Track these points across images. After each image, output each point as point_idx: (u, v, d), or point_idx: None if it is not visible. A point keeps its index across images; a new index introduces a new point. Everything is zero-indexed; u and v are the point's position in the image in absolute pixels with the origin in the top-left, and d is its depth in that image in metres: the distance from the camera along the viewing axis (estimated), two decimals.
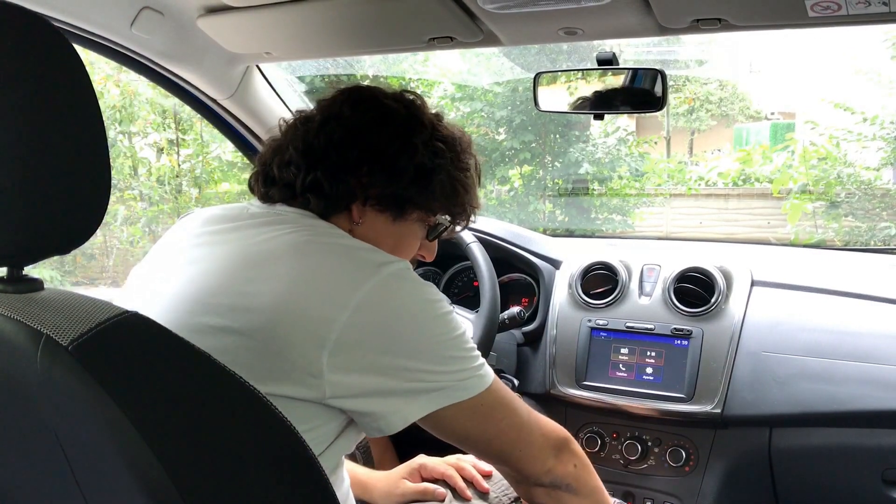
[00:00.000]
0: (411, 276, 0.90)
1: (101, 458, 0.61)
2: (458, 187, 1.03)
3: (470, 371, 0.91)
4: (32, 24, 0.64)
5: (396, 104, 1.01)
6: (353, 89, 1.04)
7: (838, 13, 1.09)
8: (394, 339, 0.85)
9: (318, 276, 0.86)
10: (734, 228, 6.21)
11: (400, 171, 0.97)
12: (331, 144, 0.97)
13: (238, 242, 0.92)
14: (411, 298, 0.88)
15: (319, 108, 1.03)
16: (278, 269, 0.86)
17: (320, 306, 0.83)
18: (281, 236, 0.91)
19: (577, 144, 6.62)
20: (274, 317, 0.83)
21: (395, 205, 0.99)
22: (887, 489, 1.43)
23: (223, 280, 0.88)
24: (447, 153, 1.01)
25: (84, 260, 5.10)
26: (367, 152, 0.97)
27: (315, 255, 0.89)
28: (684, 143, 10.05)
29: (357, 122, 0.98)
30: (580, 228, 6.45)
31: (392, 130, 0.98)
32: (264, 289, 0.85)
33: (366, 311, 0.84)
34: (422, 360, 0.87)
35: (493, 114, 6.54)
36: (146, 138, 5.52)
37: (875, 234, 5.03)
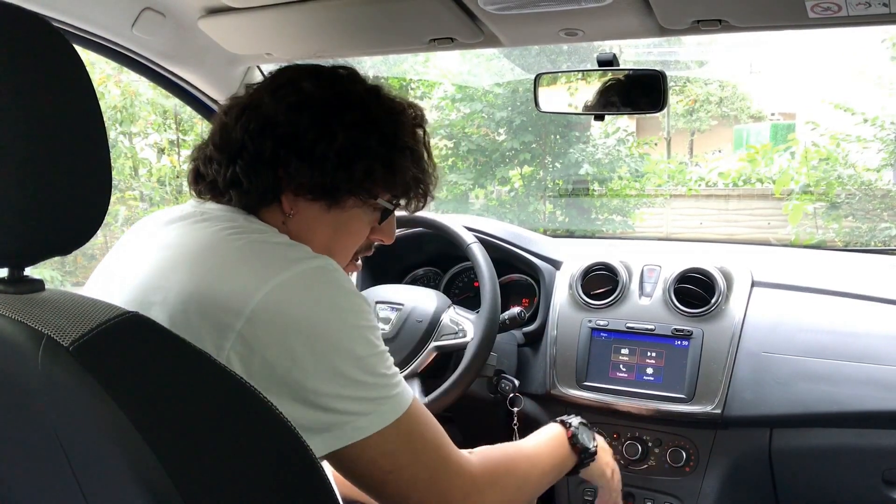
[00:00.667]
0: (329, 278, 0.82)
1: (101, 458, 0.61)
2: (396, 169, 0.95)
3: (375, 402, 0.80)
4: (33, 24, 0.64)
5: (316, 86, 0.93)
6: (278, 73, 0.98)
7: (838, 14, 1.09)
8: (292, 348, 0.77)
9: (229, 267, 0.81)
10: (734, 229, 6.21)
11: (319, 159, 0.90)
12: (247, 135, 0.91)
13: (161, 245, 0.89)
14: (320, 303, 0.80)
15: (244, 95, 0.97)
16: (192, 264, 0.83)
17: (217, 313, 0.78)
18: (200, 233, 0.87)
19: (578, 145, 6.62)
20: (182, 307, 0.79)
21: (325, 194, 0.92)
22: (888, 490, 1.43)
23: (145, 283, 0.85)
24: (376, 133, 0.93)
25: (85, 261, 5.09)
26: (282, 142, 0.90)
27: (231, 247, 0.84)
28: (684, 143, 10.05)
29: (273, 110, 0.92)
30: (580, 229, 6.45)
31: (309, 116, 0.91)
32: (176, 281, 0.82)
33: (263, 316, 0.77)
34: (320, 377, 0.77)
35: (493, 115, 6.54)
36: (147, 139, 5.52)
37: (876, 235, 5.03)
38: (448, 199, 6.30)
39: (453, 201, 6.43)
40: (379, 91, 0.98)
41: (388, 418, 0.81)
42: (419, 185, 1.00)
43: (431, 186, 1.02)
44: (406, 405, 0.84)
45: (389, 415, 0.81)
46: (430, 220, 1.68)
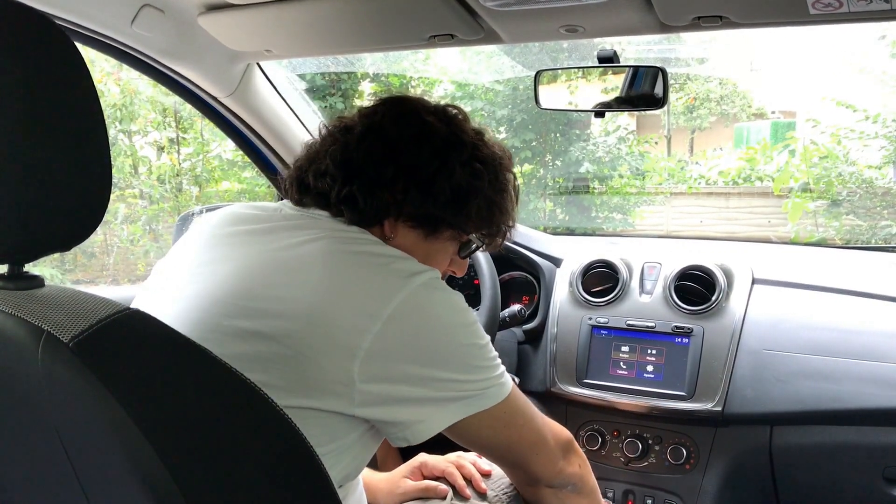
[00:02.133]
0: (441, 286, 0.90)
1: (102, 455, 0.61)
2: (495, 209, 1.02)
3: (493, 380, 0.92)
4: (34, 21, 0.64)
5: (438, 121, 0.99)
6: (396, 101, 1.03)
7: (839, 10, 1.09)
8: (424, 349, 0.86)
9: (350, 284, 0.86)
10: (735, 227, 6.21)
11: (436, 191, 0.96)
12: (369, 159, 0.95)
13: (272, 244, 0.92)
14: (441, 308, 0.88)
15: (359, 117, 1.01)
16: (312, 276, 0.86)
17: (352, 316, 0.83)
18: (314, 241, 0.90)
19: (578, 143, 6.61)
20: (306, 325, 0.83)
21: (428, 223, 0.98)
22: (888, 487, 1.43)
23: (256, 283, 0.88)
24: (485, 174, 0.99)
25: (84, 258, 5.09)
26: (404, 170, 0.95)
27: (348, 262, 0.89)
28: (685, 141, 10.05)
29: (396, 137, 0.96)
30: (581, 227, 6.45)
31: (431, 149, 0.96)
32: (298, 295, 0.85)
33: (397, 321, 0.84)
34: (450, 369, 0.87)
35: (493, 112, 6.53)
36: (146, 137, 5.51)
37: (876, 233, 5.03)
38: None
39: None
40: (484, 134, 1.04)
41: (504, 393, 0.93)
42: (506, 226, 1.06)
43: (513, 227, 1.08)
44: (511, 384, 0.96)
45: (503, 389, 0.93)
46: None
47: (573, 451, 1.08)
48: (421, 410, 0.87)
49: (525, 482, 1.09)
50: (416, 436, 0.88)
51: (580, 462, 1.09)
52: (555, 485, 1.06)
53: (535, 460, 1.01)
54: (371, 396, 0.84)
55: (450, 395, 0.88)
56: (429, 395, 0.87)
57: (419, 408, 0.87)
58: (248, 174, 5.35)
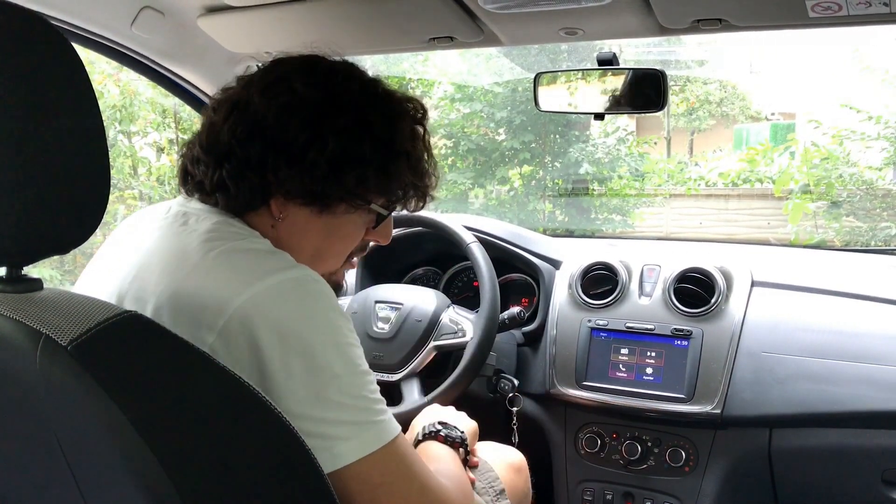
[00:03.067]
0: (308, 289, 0.78)
1: (100, 457, 0.61)
2: (391, 175, 0.91)
3: (355, 427, 0.75)
4: (32, 23, 0.64)
5: (309, 86, 0.88)
6: (270, 67, 0.92)
7: (839, 13, 1.09)
8: (266, 358, 0.73)
9: (199, 280, 0.79)
10: (734, 229, 6.21)
11: (310, 165, 0.85)
12: (234, 139, 0.86)
13: (141, 248, 0.88)
14: (297, 314, 0.76)
15: (234, 89, 0.92)
16: (168, 271, 0.81)
17: (198, 312, 0.76)
18: (181, 237, 0.85)
19: (577, 144, 6.62)
20: (152, 315, 0.79)
21: (315, 200, 0.88)
22: (887, 490, 1.43)
23: (131, 280, 0.85)
24: (369, 139, 0.88)
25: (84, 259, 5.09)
26: (271, 147, 0.85)
27: (203, 257, 0.81)
28: (684, 143, 10.05)
29: (263, 111, 0.86)
30: (580, 228, 6.45)
31: (300, 120, 0.86)
32: (150, 287, 0.81)
33: (243, 319, 0.74)
34: (292, 397, 0.73)
35: (493, 114, 6.53)
36: (146, 138, 5.51)
37: (876, 235, 5.03)
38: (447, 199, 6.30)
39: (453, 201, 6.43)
40: (376, 89, 0.93)
41: (369, 447, 0.75)
42: (416, 188, 0.96)
43: (430, 188, 0.98)
44: (391, 436, 0.78)
45: (370, 443, 0.75)
46: (430, 220, 1.67)
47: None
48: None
49: None
50: None
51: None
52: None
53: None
54: None
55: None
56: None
57: None
58: None
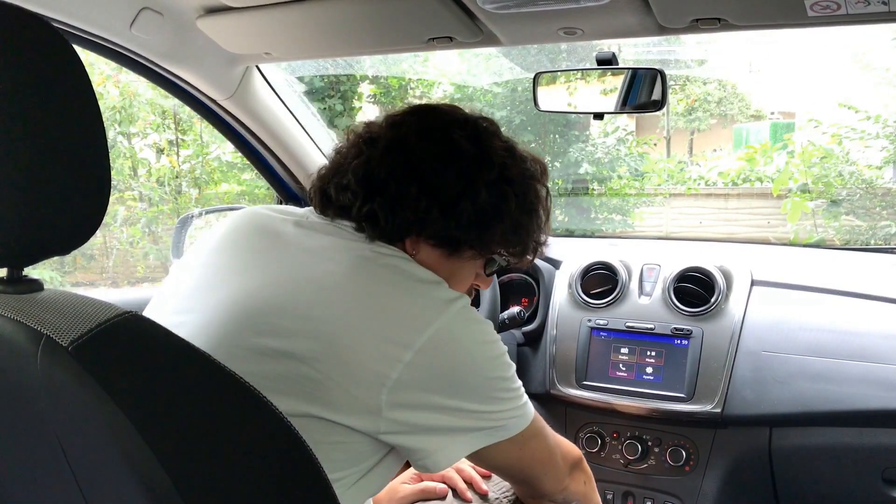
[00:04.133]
0: (474, 317, 0.90)
1: (101, 458, 0.61)
2: (521, 230, 0.98)
3: (516, 410, 0.93)
4: (32, 24, 0.64)
5: (465, 138, 0.94)
6: (424, 112, 0.99)
7: (837, 13, 1.09)
8: (453, 381, 0.86)
9: (382, 308, 0.85)
10: (734, 228, 6.21)
11: (459, 213, 0.92)
12: (391, 176, 0.92)
13: (300, 256, 0.90)
14: (473, 341, 0.88)
15: (386, 127, 0.97)
16: (341, 295, 0.85)
17: (383, 343, 0.82)
18: (342, 253, 0.89)
19: (577, 144, 6.61)
20: (335, 348, 0.82)
21: (450, 244, 0.95)
22: (887, 488, 1.43)
23: (283, 299, 0.85)
24: (512, 196, 0.95)
25: (84, 261, 5.09)
26: (427, 189, 0.91)
27: (379, 281, 0.87)
28: (684, 142, 10.04)
29: (421, 154, 0.93)
30: (580, 228, 6.45)
31: (456, 169, 0.92)
32: (326, 315, 0.83)
33: (429, 353, 0.83)
34: (477, 401, 0.88)
35: (492, 114, 6.52)
36: (146, 139, 5.51)
37: (875, 233, 5.03)
38: None
39: None
40: (514, 150, 0.99)
41: (525, 422, 0.95)
42: (535, 244, 1.03)
43: (544, 244, 1.05)
44: (533, 412, 0.97)
45: (525, 419, 0.95)
46: None
47: (580, 469, 1.10)
48: (442, 440, 0.87)
49: (529, 495, 1.12)
50: (436, 465, 0.87)
51: (585, 479, 1.11)
52: (557, 500, 1.09)
53: (542, 478, 1.04)
54: (396, 425, 0.83)
55: (473, 424, 0.89)
56: (452, 424, 0.86)
57: (441, 437, 0.87)
58: (247, 176, 5.34)
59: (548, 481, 1.05)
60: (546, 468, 1.03)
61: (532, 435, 0.97)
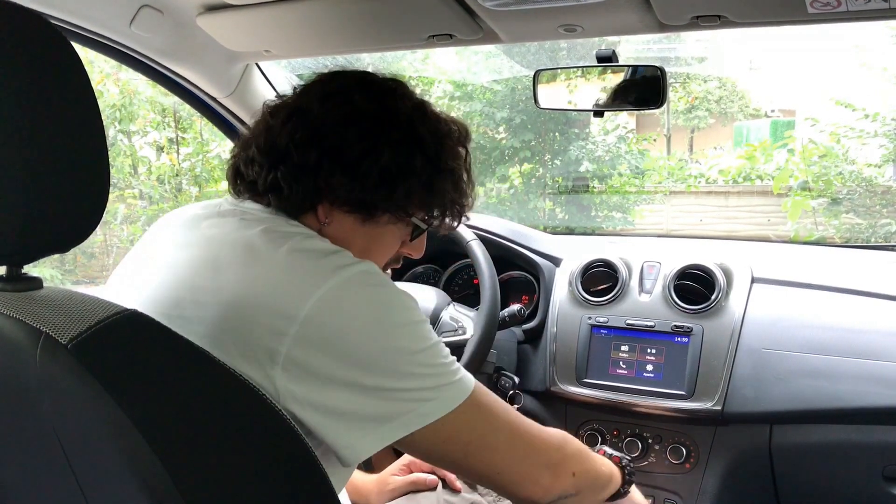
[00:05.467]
0: (374, 280, 0.84)
1: (101, 456, 0.61)
2: (435, 190, 0.95)
3: (433, 391, 0.82)
4: (31, 22, 0.64)
5: (367, 99, 0.92)
6: (328, 79, 0.97)
7: (838, 9, 1.09)
8: (346, 349, 0.79)
9: (269, 279, 0.82)
10: (734, 226, 6.21)
11: (363, 175, 0.90)
12: (292, 143, 0.90)
13: (201, 243, 0.89)
14: (369, 304, 0.82)
15: (291, 98, 0.96)
16: (232, 271, 0.83)
17: (271, 318, 0.79)
18: (240, 234, 0.87)
19: (577, 142, 6.61)
20: (226, 320, 0.80)
21: (361, 208, 0.92)
22: (888, 485, 1.43)
23: (182, 284, 0.85)
24: (418, 154, 0.92)
25: (84, 259, 5.09)
26: (327, 154, 0.89)
27: (270, 255, 0.84)
28: (684, 140, 10.04)
29: (322, 119, 0.91)
30: (580, 226, 6.45)
31: (357, 131, 0.90)
32: (221, 299, 0.81)
33: (315, 322, 0.78)
34: (376, 374, 0.80)
35: (492, 113, 6.52)
36: (146, 137, 5.51)
37: (876, 231, 5.02)
38: None
39: None
40: (425, 108, 0.97)
41: (451, 404, 0.83)
42: (455, 206, 1.00)
43: (467, 207, 1.02)
44: (468, 391, 0.85)
45: (451, 401, 0.84)
46: None
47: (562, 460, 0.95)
48: (347, 430, 0.80)
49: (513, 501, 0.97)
50: (344, 460, 0.81)
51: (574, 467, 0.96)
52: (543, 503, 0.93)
53: (505, 479, 0.90)
54: (297, 405, 0.78)
55: (379, 408, 0.80)
56: (355, 406, 0.79)
57: (346, 425, 0.79)
58: None
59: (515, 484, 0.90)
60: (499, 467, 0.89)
61: (461, 425, 0.85)
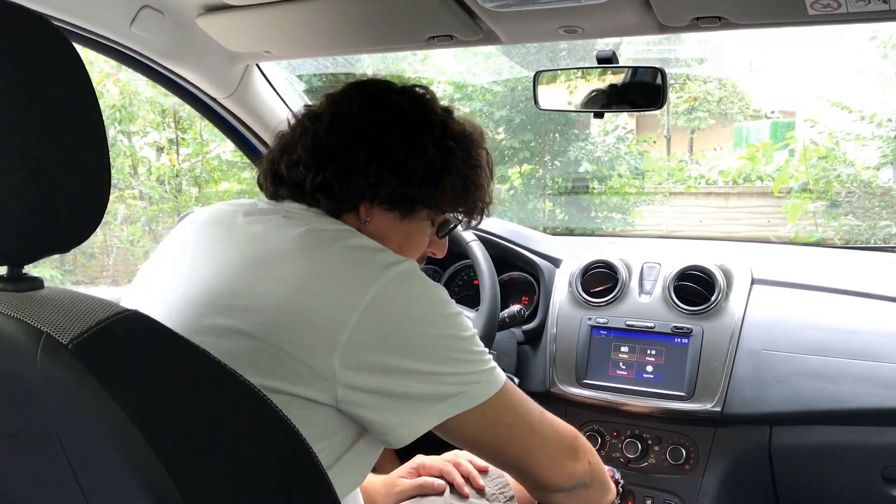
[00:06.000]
0: (419, 276, 0.89)
1: (101, 456, 0.61)
2: (470, 185, 1.02)
3: (480, 374, 0.90)
4: (32, 23, 0.64)
5: (406, 102, 0.99)
6: (362, 85, 1.03)
7: (838, 11, 1.09)
8: (403, 340, 0.85)
9: (326, 276, 0.86)
10: (734, 227, 6.21)
11: (410, 171, 0.96)
12: (340, 145, 0.96)
13: (246, 240, 0.92)
14: (420, 299, 0.88)
15: (328, 103, 1.01)
16: (286, 269, 0.86)
17: (329, 309, 0.83)
18: (287, 233, 0.90)
19: (577, 143, 6.61)
20: (283, 319, 0.83)
21: (403, 204, 0.98)
22: (887, 487, 1.43)
23: (232, 280, 0.88)
24: (458, 151, 0.99)
25: (84, 259, 5.10)
26: (376, 153, 0.95)
27: (323, 253, 0.88)
28: (684, 141, 10.04)
29: (366, 121, 0.97)
30: (580, 227, 6.45)
31: (401, 130, 0.96)
32: (272, 289, 0.85)
33: (375, 312, 0.83)
34: (431, 361, 0.86)
35: (492, 113, 6.53)
36: (146, 137, 5.51)
37: (875, 233, 5.02)
38: None
39: None
40: (452, 112, 1.04)
41: (495, 387, 0.91)
42: (479, 203, 1.05)
43: (490, 204, 1.08)
44: (503, 378, 0.93)
45: (495, 384, 0.91)
46: None
47: (581, 448, 1.04)
48: (402, 408, 0.85)
49: (533, 487, 1.03)
50: (398, 439, 0.86)
51: (590, 458, 1.05)
52: (565, 488, 1.01)
53: (535, 462, 0.97)
54: (352, 391, 0.83)
55: (431, 390, 0.86)
56: (410, 389, 0.85)
57: (400, 404, 0.85)
58: (247, 175, 5.35)
59: (544, 466, 0.98)
60: (534, 450, 0.96)
61: (505, 408, 0.92)
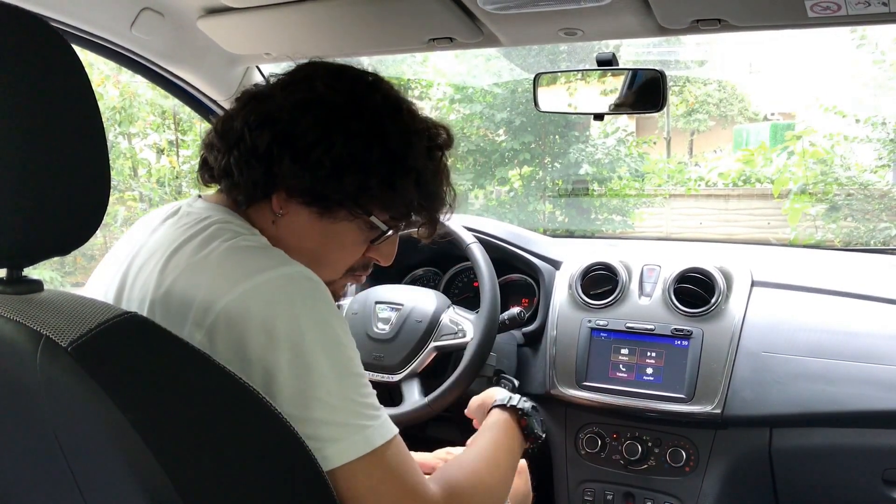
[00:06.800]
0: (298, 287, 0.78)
1: (100, 458, 0.61)
2: (397, 189, 0.90)
3: (349, 429, 0.75)
4: (32, 25, 0.64)
5: (332, 89, 0.89)
6: (298, 68, 0.94)
7: (838, 13, 1.09)
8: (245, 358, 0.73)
9: (190, 277, 0.80)
10: (734, 229, 6.22)
11: (313, 163, 0.85)
12: (246, 127, 0.88)
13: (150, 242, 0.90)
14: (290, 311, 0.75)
15: (261, 86, 0.95)
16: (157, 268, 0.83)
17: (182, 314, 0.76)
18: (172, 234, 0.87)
19: (577, 145, 6.62)
20: (144, 310, 0.81)
21: (316, 200, 0.88)
22: (888, 489, 1.43)
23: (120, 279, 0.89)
24: (380, 149, 0.88)
25: (84, 261, 5.09)
26: (279, 139, 0.86)
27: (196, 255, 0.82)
28: (684, 143, 10.05)
29: (279, 105, 0.88)
30: (580, 229, 6.45)
31: (312, 118, 0.86)
32: (142, 284, 0.84)
33: (226, 320, 0.74)
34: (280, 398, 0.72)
35: (492, 115, 6.53)
36: (146, 139, 5.52)
37: (875, 235, 5.03)
38: None
39: None
40: (400, 105, 0.93)
41: (357, 451, 0.75)
42: (423, 210, 0.95)
43: (438, 212, 0.97)
44: (380, 441, 0.76)
45: (360, 447, 0.75)
46: None
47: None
48: None
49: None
50: None
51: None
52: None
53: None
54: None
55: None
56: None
57: None
58: None
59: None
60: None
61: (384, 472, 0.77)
